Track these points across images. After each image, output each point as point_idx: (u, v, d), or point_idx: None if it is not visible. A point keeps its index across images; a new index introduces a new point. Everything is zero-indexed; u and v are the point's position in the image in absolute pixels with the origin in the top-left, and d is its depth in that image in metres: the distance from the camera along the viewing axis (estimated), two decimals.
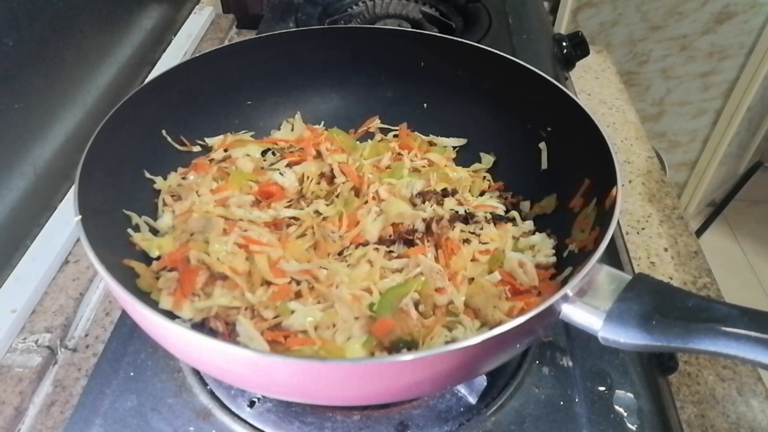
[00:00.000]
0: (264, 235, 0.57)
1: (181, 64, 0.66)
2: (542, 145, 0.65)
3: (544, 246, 0.59)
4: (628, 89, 1.11)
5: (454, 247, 0.58)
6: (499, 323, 0.39)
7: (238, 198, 0.63)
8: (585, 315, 0.42)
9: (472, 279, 0.56)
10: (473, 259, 0.58)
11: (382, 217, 0.61)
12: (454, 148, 0.73)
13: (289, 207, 0.63)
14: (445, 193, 0.66)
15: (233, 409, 0.52)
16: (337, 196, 0.65)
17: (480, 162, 0.71)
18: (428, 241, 0.59)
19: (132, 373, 0.54)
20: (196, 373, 0.54)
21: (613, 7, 1.83)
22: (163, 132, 0.65)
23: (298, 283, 0.55)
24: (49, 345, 0.62)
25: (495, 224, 0.62)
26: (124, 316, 0.59)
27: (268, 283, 0.54)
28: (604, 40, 1.89)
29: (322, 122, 0.76)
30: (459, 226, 0.61)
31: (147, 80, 0.63)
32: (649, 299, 0.42)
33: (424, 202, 0.64)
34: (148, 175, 0.63)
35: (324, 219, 0.61)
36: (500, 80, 0.67)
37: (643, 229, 0.80)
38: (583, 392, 0.53)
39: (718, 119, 2.01)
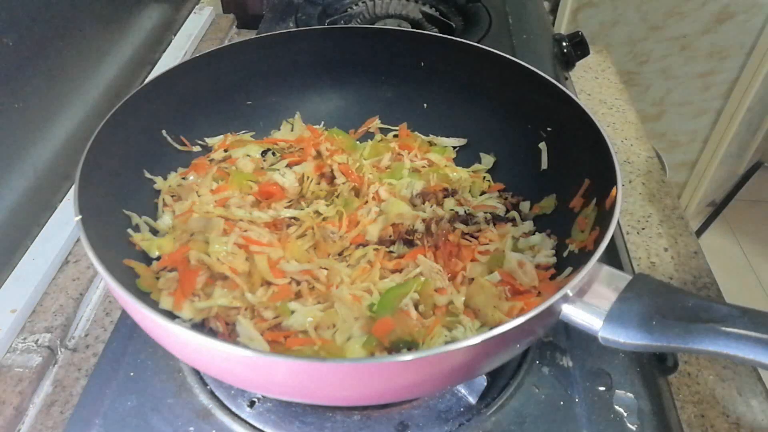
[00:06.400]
0: (264, 236, 0.57)
1: (181, 64, 0.66)
2: (542, 146, 0.65)
3: (544, 246, 0.59)
4: (628, 89, 1.11)
5: (454, 248, 0.58)
6: (499, 323, 0.39)
7: (238, 198, 0.63)
8: (585, 315, 0.42)
9: (472, 279, 0.56)
10: (473, 260, 0.58)
11: (382, 217, 0.61)
12: (454, 148, 0.73)
13: (289, 207, 0.63)
14: (445, 194, 0.66)
15: (233, 409, 0.52)
16: (337, 197, 0.65)
17: (480, 162, 0.71)
18: (428, 241, 0.59)
19: (132, 373, 0.54)
20: (196, 373, 0.54)
21: (613, 7, 1.83)
22: (163, 132, 0.65)
23: (298, 283, 0.55)
24: (49, 345, 0.62)
25: (495, 225, 0.62)
26: (124, 316, 0.59)
27: (268, 284, 0.54)
28: (604, 40, 1.89)
29: (322, 122, 0.76)
30: (459, 226, 0.61)
31: (147, 80, 0.63)
32: (649, 299, 0.42)
33: (424, 203, 0.64)
34: (148, 175, 0.62)
35: (324, 219, 0.61)
36: (500, 80, 0.67)
37: (643, 229, 0.80)
38: (583, 392, 0.53)
39: (718, 119, 2.01)
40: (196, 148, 0.68)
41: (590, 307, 0.42)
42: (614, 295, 0.43)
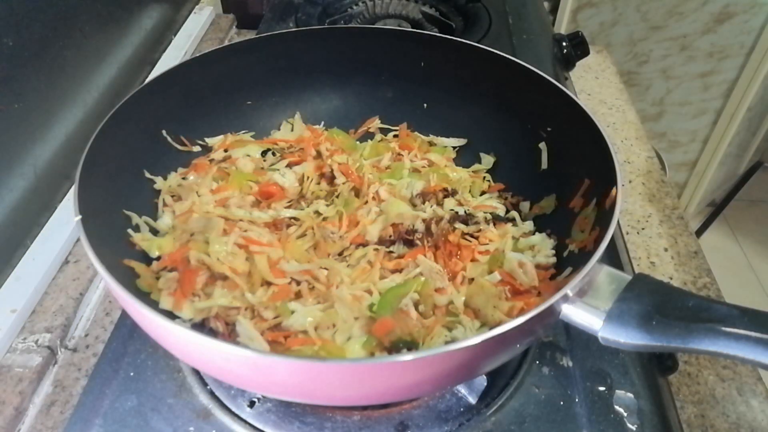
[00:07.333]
0: (264, 236, 0.57)
1: (181, 64, 0.66)
2: (542, 145, 0.65)
3: (543, 246, 0.59)
4: (628, 89, 1.11)
5: (454, 248, 0.58)
6: (499, 323, 0.39)
7: (239, 198, 0.63)
8: (585, 315, 0.42)
9: (472, 279, 0.56)
10: (473, 260, 0.58)
11: (382, 217, 0.61)
12: (454, 148, 0.73)
13: (289, 207, 0.63)
14: (445, 194, 0.66)
15: (233, 409, 0.52)
16: (337, 197, 0.65)
17: (480, 162, 0.71)
18: (428, 241, 0.59)
19: (132, 373, 0.54)
20: (196, 373, 0.54)
21: (613, 7, 1.83)
22: (163, 132, 0.65)
23: (298, 283, 0.55)
24: (49, 345, 0.62)
25: (495, 225, 0.62)
26: (124, 316, 0.59)
27: (268, 284, 0.54)
28: (604, 40, 1.89)
29: (322, 122, 0.76)
30: (459, 226, 0.61)
31: (147, 80, 0.63)
32: (649, 299, 0.42)
33: (424, 203, 0.64)
34: (148, 175, 0.62)
35: (324, 219, 0.61)
36: (500, 80, 0.67)
37: (643, 229, 0.80)
38: (583, 392, 0.53)
39: (718, 119, 2.01)
40: (196, 148, 0.68)
41: (590, 307, 0.42)
42: (614, 295, 0.42)
